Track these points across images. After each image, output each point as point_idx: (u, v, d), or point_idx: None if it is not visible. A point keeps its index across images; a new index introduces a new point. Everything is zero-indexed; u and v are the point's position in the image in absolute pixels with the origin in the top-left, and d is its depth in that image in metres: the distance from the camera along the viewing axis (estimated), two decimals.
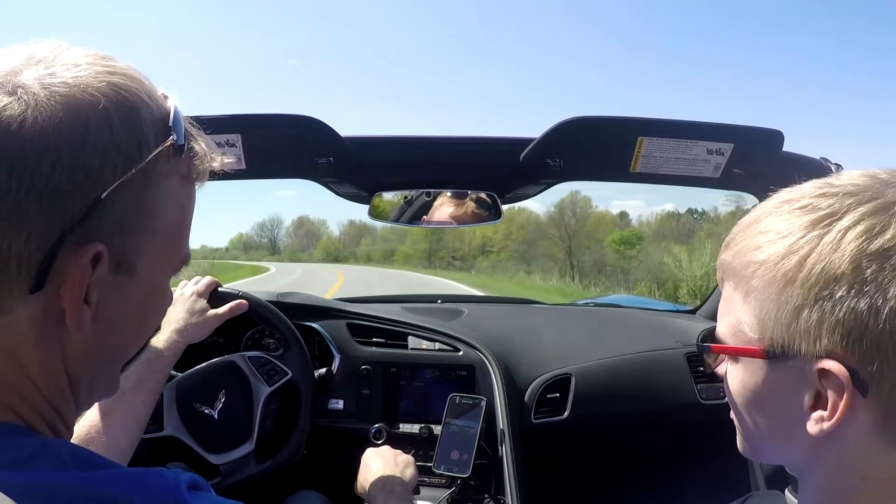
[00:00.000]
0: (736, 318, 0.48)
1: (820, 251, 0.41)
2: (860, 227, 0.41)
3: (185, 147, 0.45)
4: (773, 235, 0.45)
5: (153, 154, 0.41)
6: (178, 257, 0.49)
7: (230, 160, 0.48)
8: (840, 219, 0.42)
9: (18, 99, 0.36)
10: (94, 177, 0.38)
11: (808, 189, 0.46)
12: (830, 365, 0.41)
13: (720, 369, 0.53)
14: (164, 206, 0.44)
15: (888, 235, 0.40)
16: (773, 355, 0.45)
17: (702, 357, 0.53)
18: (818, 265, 0.41)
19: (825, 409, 0.42)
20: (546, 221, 40.76)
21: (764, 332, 0.45)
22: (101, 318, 0.42)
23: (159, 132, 0.42)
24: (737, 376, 0.50)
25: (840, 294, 0.40)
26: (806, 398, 0.43)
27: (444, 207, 1.28)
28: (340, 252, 67.65)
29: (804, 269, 0.42)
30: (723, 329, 0.50)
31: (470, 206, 1.28)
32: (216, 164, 0.48)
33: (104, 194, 0.38)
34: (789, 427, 0.46)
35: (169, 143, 0.43)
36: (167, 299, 0.51)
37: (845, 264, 0.40)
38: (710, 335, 0.52)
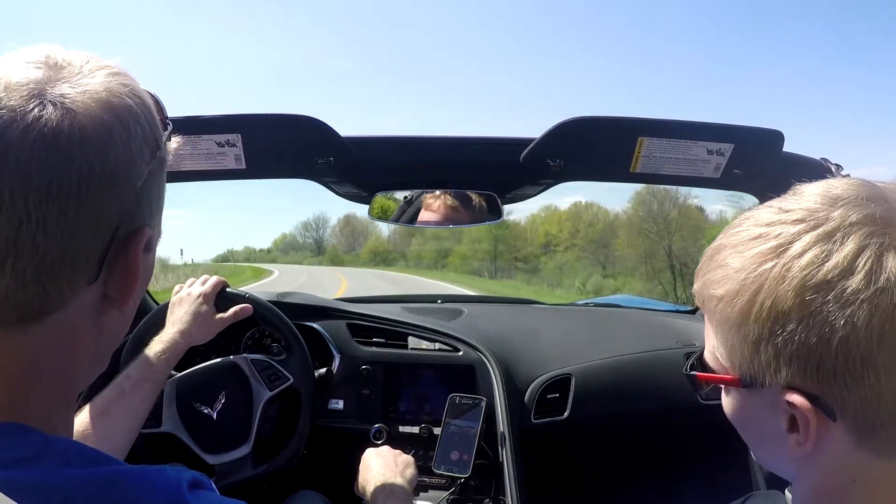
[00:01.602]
0: (713, 344, 0.50)
1: (768, 287, 0.42)
2: (804, 259, 0.41)
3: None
4: (729, 270, 0.46)
5: (163, 143, 0.47)
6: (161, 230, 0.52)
7: (178, 139, 0.52)
8: (787, 249, 0.42)
9: (69, 110, 0.39)
10: (135, 169, 0.43)
11: (763, 216, 0.47)
12: (793, 397, 0.42)
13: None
14: (163, 187, 0.49)
15: (830, 264, 0.40)
16: (745, 383, 0.46)
17: (694, 386, 0.54)
18: (767, 300, 0.42)
19: (800, 433, 0.43)
20: (630, 215, 31.17)
21: (734, 364, 0.47)
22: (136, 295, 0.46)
23: (161, 123, 0.47)
24: (724, 399, 0.52)
25: (790, 328, 0.41)
26: (782, 423, 0.45)
27: (442, 207, 1.28)
28: (389, 253, 58.34)
29: (755, 305, 0.43)
30: (707, 354, 0.52)
31: (463, 204, 1.28)
32: (172, 146, 0.51)
33: (141, 183, 0.43)
34: (774, 446, 0.47)
35: (169, 131, 0.48)
36: None
37: (791, 298, 0.41)
38: (699, 359, 0.53)
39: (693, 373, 0.52)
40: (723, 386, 0.51)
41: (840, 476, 0.45)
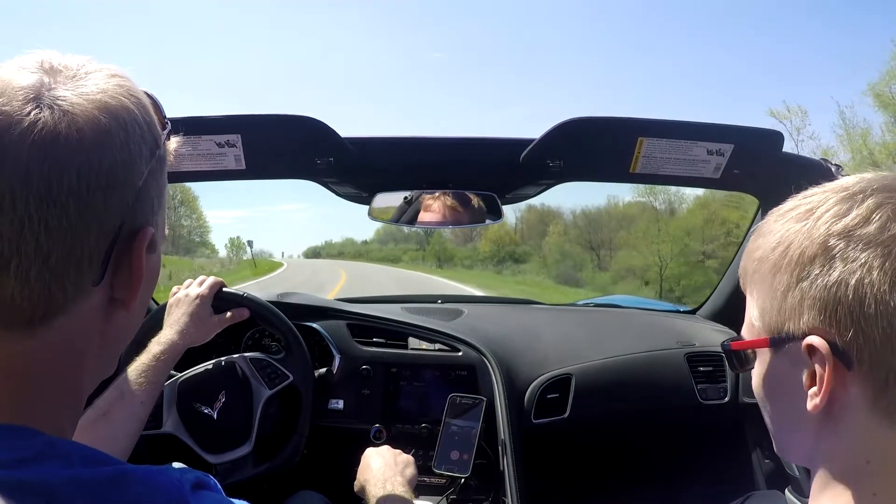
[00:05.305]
0: (748, 315, 0.52)
1: (800, 240, 0.47)
2: (829, 213, 0.46)
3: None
4: (768, 236, 0.50)
5: (163, 142, 0.47)
6: (165, 228, 0.52)
7: (178, 138, 0.52)
8: (815, 210, 0.47)
9: (66, 112, 0.40)
10: (135, 168, 0.43)
11: (803, 192, 0.51)
12: (813, 340, 0.44)
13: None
14: (164, 186, 0.49)
15: (851, 216, 0.44)
16: (773, 342, 0.48)
17: (731, 362, 0.56)
18: (797, 251, 0.46)
19: (817, 383, 0.45)
20: None
21: (764, 320, 0.49)
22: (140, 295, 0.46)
23: (160, 122, 0.48)
24: (755, 370, 0.54)
25: (815, 272, 0.45)
26: (804, 378, 0.46)
27: (442, 207, 1.28)
28: (518, 246, 39.66)
29: (787, 256, 0.47)
30: (744, 331, 0.54)
31: (463, 204, 1.28)
32: (172, 145, 0.52)
33: (141, 182, 0.43)
34: (795, 410, 0.48)
35: (168, 130, 0.49)
36: None
37: (816, 245, 0.45)
38: (735, 337, 0.56)
39: (728, 342, 0.55)
40: (754, 355, 0.53)
41: (854, 455, 0.45)
